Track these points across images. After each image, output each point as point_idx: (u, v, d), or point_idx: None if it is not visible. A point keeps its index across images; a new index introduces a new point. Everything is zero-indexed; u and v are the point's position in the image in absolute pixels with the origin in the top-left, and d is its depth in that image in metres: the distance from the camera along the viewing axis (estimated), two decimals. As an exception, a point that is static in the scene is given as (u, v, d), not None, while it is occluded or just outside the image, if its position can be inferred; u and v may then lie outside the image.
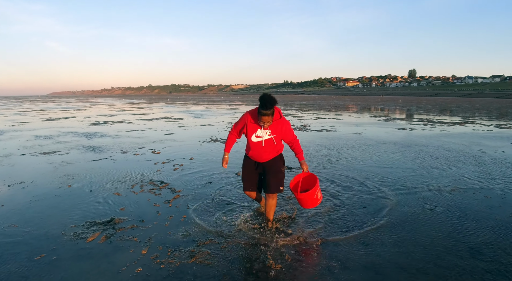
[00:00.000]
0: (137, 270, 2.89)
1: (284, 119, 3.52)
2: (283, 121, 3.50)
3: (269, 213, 3.77)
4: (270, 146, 3.53)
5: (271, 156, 3.60)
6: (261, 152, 3.55)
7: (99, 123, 16.47)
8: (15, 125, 15.91)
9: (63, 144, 9.84)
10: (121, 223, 3.90)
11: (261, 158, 3.60)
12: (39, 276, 2.83)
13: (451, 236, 3.50)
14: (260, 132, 3.48)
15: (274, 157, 3.64)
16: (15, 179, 5.84)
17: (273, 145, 3.54)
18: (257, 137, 3.50)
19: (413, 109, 28.20)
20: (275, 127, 3.46)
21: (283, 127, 3.49)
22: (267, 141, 3.50)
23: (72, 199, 4.74)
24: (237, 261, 3.05)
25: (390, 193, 4.87)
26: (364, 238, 3.47)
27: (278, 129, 3.48)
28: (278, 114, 3.46)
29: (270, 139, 3.49)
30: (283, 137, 3.56)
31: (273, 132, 3.48)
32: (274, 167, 3.65)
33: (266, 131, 3.46)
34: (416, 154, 7.75)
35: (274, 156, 3.64)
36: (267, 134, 3.48)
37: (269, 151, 3.56)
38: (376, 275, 2.80)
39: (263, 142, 3.50)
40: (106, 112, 26.84)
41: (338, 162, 7.01)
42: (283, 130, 3.50)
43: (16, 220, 4.01)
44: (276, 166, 3.66)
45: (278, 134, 3.50)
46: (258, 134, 3.49)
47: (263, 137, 3.49)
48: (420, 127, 13.46)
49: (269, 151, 3.55)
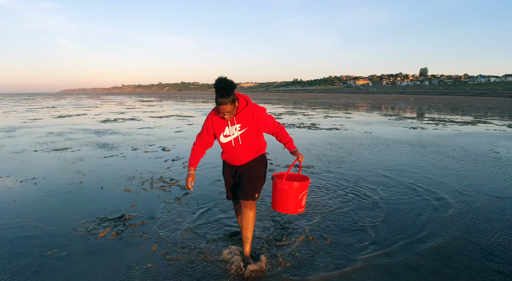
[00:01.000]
0: (147, 266, 2.91)
1: (254, 106, 2.83)
2: (254, 109, 2.80)
3: (246, 229, 2.95)
4: (245, 145, 2.84)
5: (249, 157, 2.91)
6: (235, 154, 2.88)
7: (110, 121, 16.61)
8: (27, 122, 16.12)
9: (74, 140, 9.95)
10: (131, 219, 3.93)
11: (238, 161, 2.92)
12: (50, 270, 2.87)
13: (462, 237, 3.46)
14: (228, 130, 2.82)
15: (252, 159, 2.93)
16: (27, 175, 5.92)
17: (248, 143, 2.85)
18: (226, 136, 2.84)
19: (424, 108, 27.90)
20: (244, 118, 2.78)
21: (255, 116, 2.77)
22: (237, 139, 2.82)
23: (83, 195, 4.79)
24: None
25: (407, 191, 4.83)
26: (375, 238, 3.44)
27: (249, 120, 2.78)
28: (244, 101, 2.80)
29: (242, 135, 2.81)
30: (260, 128, 2.84)
31: (244, 125, 2.79)
32: (252, 170, 2.93)
33: (234, 126, 2.79)
34: (427, 154, 7.66)
35: (253, 158, 2.93)
36: (236, 130, 2.80)
37: (246, 151, 2.87)
38: (386, 275, 2.78)
39: (233, 141, 2.82)
40: (116, 109, 27.06)
41: (348, 160, 6.96)
42: (256, 120, 2.78)
43: (28, 215, 4.06)
44: (254, 169, 2.94)
45: (251, 127, 2.80)
46: (226, 133, 2.83)
47: (233, 135, 2.81)
48: (432, 126, 13.32)
49: (245, 151, 2.87)
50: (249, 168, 2.93)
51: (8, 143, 9.48)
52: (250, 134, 2.82)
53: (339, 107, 29.87)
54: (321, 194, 4.78)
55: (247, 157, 2.90)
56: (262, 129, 2.87)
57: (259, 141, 2.95)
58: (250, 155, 2.90)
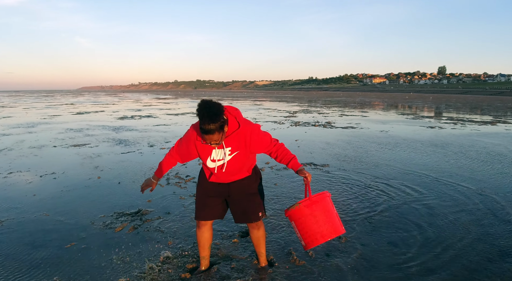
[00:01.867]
0: (163, 260, 2.94)
1: (247, 125, 2.39)
2: (247, 129, 2.37)
3: (258, 246, 2.76)
4: (236, 168, 2.46)
5: (240, 176, 2.55)
6: (224, 176, 2.50)
7: (127, 117, 16.83)
8: (46, 118, 16.47)
9: (92, 137, 10.12)
10: (148, 214, 3.98)
11: (226, 180, 2.54)
12: (69, 263, 2.93)
13: (480, 238, 3.38)
14: (215, 154, 2.40)
15: (244, 177, 2.58)
16: (47, 170, 6.05)
17: (239, 166, 2.46)
18: (213, 161, 2.42)
19: (442, 107, 27.41)
20: (236, 141, 2.37)
21: (247, 138, 2.36)
22: (229, 163, 2.42)
23: (101, 190, 4.88)
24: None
25: (417, 194, 4.76)
26: (392, 238, 3.41)
27: (241, 142, 2.37)
28: (235, 122, 2.35)
29: (233, 159, 2.41)
30: (254, 150, 2.44)
31: (235, 148, 2.39)
32: (248, 189, 2.58)
33: (223, 150, 2.38)
34: (448, 154, 7.53)
35: (244, 176, 2.57)
36: (227, 155, 2.39)
37: (236, 173, 2.51)
38: (403, 276, 2.75)
39: (224, 167, 2.42)
40: (133, 106, 27.40)
41: (364, 159, 6.90)
42: (249, 142, 2.37)
43: (48, 209, 4.15)
44: (250, 187, 2.59)
45: (244, 149, 2.40)
46: (213, 158, 2.42)
47: (223, 159, 2.41)
48: (450, 126, 13.08)
49: (235, 173, 2.50)
50: (241, 186, 2.56)
51: (28, 139, 9.70)
52: (242, 157, 2.43)
53: (355, 105, 29.58)
54: (334, 192, 4.75)
55: (236, 177, 2.54)
56: (257, 151, 2.46)
57: (252, 160, 2.58)
58: (241, 173, 2.53)
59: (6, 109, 23.89)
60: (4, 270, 2.81)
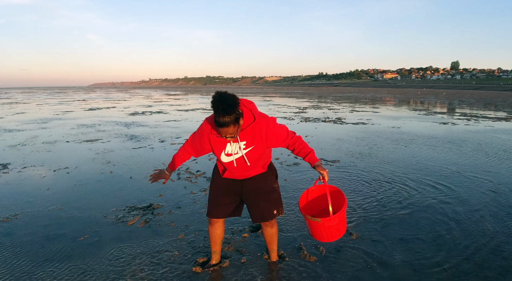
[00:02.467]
0: (174, 254, 2.97)
1: (263, 118, 2.33)
2: (262, 123, 2.31)
3: (271, 243, 2.76)
4: (251, 163, 2.39)
5: (255, 172, 2.50)
6: (239, 173, 2.45)
7: (138, 113, 16.96)
8: (59, 114, 16.70)
9: (104, 132, 10.23)
10: (159, 208, 4.02)
11: (241, 176, 2.50)
12: (82, 255, 2.97)
13: (494, 236, 3.34)
14: (230, 148, 2.35)
15: (259, 173, 2.52)
16: (60, 164, 6.14)
17: (255, 161, 2.40)
18: (228, 155, 2.38)
19: (455, 103, 27.02)
20: (251, 135, 2.31)
21: (263, 132, 2.30)
22: (242, 159, 2.37)
23: (113, 185, 4.93)
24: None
25: (432, 191, 4.71)
26: (403, 235, 3.38)
27: (257, 137, 2.31)
28: (250, 115, 2.29)
29: (249, 154, 2.35)
30: (271, 145, 2.39)
31: (250, 143, 2.33)
32: (263, 187, 2.54)
33: (237, 144, 2.33)
34: (465, 152, 7.44)
35: (259, 172, 2.51)
36: (241, 149, 2.34)
37: (251, 169, 2.45)
38: (414, 273, 2.73)
39: (235, 162, 2.38)
40: (144, 102, 27.59)
41: (375, 155, 6.85)
42: (265, 136, 2.31)
43: (61, 203, 4.22)
44: (266, 185, 2.54)
45: (259, 144, 2.33)
46: (228, 152, 2.37)
47: (237, 154, 2.36)
48: (463, 122, 12.89)
49: (250, 169, 2.44)
50: (256, 183, 2.52)
51: (42, 134, 9.85)
52: (258, 152, 2.37)
53: (366, 101, 29.35)
54: (346, 188, 4.73)
55: (252, 172, 2.48)
56: (274, 145, 2.40)
57: (268, 156, 2.52)
58: (256, 169, 2.48)
59: (20, 105, 24.27)
60: (20, 261, 2.87)
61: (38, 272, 2.73)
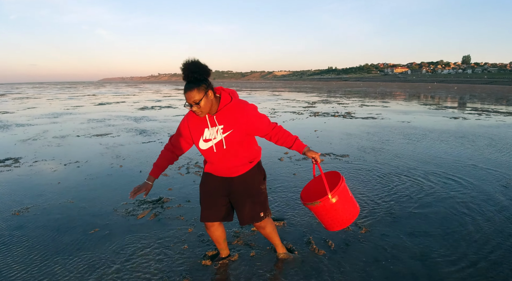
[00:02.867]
0: (184, 247, 2.99)
1: (241, 102, 2.25)
2: (240, 106, 2.22)
3: (271, 239, 2.71)
4: (231, 151, 2.27)
5: (241, 168, 2.35)
6: (222, 163, 2.32)
7: (147, 108, 17.04)
8: (70, 109, 16.86)
9: (114, 127, 10.30)
10: (168, 202, 4.04)
11: (228, 171, 2.35)
12: (92, 248, 3.00)
13: (504, 231, 3.29)
14: (208, 133, 2.24)
15: (246, 171, 2.37)
16: (70, 158, 6.20)
17: (236, 149, 2.27)
18: (206, 141, 2.26)
19: (466, 98, 26.66)
20: (228, 118, 2.21)
21: (243, 115, 2.20)
22: (221, 144, 2.23)
23: (123, 179, 4.97)
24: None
25: (443, 185, 4.66)
26: (414, 230, 3.35)
27: (235, 120, 2.20)
28: (228, 97, 2.23)
29: (227, 139, 2.22)
30: (251, 131, 2.27)
31: (228, 126, 2.21)
32: (250, 188, 2.40)
33: (215, 128, 2.22)
34: (470, 144, 7.34)
35: (246, 169, 2.37)
36: (219, 133, 2.22)
37: (234, 160, 2.30)
38: (425, 268, 2.70)
39: (215, 147, 2.25)
40: (153, 97, 27.71)
41: (385, 150, 6.79)
42: (244, 120, 2.21)
43: (72, 196, 4.26)
44: (253, 186, 2.41)
45: (238, 129, 2.21)
46: (206, 136, 2.25)
47: (215, 139, 2.23)
48: (474, 117, 12.71)
49: (233, 159, 2.30)
50: (244, 184, 2.38)
51: (52, 129, 9.96)
52: (237, 138, 2.23)
53: (376, 95, 29.10)
54: (355, 182, 4.70)
55: (238, 167, 2.33)
56: (254, 132, 2.29)
57: (251, 148, 2.37)
58: (242, 165, 2.34)
59: (31, 100, 24.55)
60: (31, 254, 2.91)
61: (49, 264, 2.76)
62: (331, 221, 2.34)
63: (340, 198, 2.27)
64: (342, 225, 2.35)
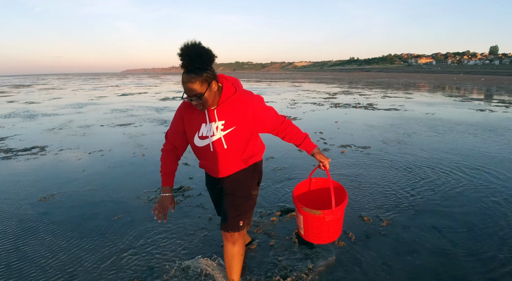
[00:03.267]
0: (203, 235, 3.03)
1: (247, 94, 1.94)
2: (246, 98, 1.91)
3: (229, 268, 2.13)
4: (231, 151, 1.96)
5: (234, 167, 2.02)
6: (215, 162, 2.01)
7: (169, 99, 17.22)
8: (93, 99, 17.21)
9: (136, 117, 10.47)
10: (189, 190, 4.09)
11: (220, 172, 2.04)
12: (115, 233, 3.08)
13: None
14: (205, 129, 1.93)
15: (239, 170, 2.05)
16: (94, 147, 6.35)
17: (236, 149, 1.96)
18: (203, 138, 1.95)
19: (493, 90, 25.80)
20: (231, 112, 1.89)
21: (248, 110, 1.89)
22: (220, 143, 1.92)
23: (146, 167, 5.06)
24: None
25: (467, 180, 4.54)
26: (436, 223, 3.28)
27: (239, 115, 1.89)
28: (231, 87, 1.91)
29: (228, 137, 1.91)
30: (257, 128, 1.98)
31: (230, 123, 1.90)
32: (240, 190, 2.06)
33: (215, 124, 1.90)
34: (496, 137, 7.11)
35: (239, 168, 2.04)
36: (218, 130, 1.90)
37: (231, 160, 1.99)
38: (446, 261, 2.65)
39: (212, 146, 1.94)
40: (174, 88, 27.96)
41: (408, 142, 6.66)
42: (251, 116, 1.91)
43: (96, 184, 4.37)
44: (244, 188, 2.07)
45: (242, 126, 1.91)
46: (203, 133, 1.94)
47: (214, 136, 1.92)
48: (501, 109, 12.29)
49: (230, 159, 1.99)
50: (232, 184, 2.06)
51: (77, 119, 10.20)
52: (240, 136, 1.93)
53: (399, 87, 28.49)
54: (376, 173, 4.64)
55: (231, 167, 2.02)
56: (261, 128, 1.99)
57: (252, 145, 2.05)
58: (236, 163, 2.01)
59: (56, 91, 25.20)
60: (56, 238, 3.01)
61: (73, 248, 2.85)
62: (316, 232, 2.19)
63: (340, 215, 2.19)
64: (322, 240, 2.23)
